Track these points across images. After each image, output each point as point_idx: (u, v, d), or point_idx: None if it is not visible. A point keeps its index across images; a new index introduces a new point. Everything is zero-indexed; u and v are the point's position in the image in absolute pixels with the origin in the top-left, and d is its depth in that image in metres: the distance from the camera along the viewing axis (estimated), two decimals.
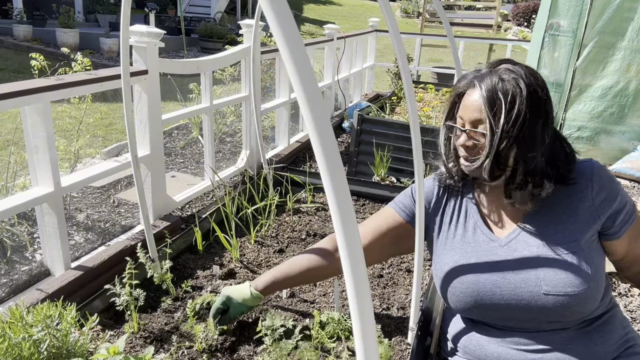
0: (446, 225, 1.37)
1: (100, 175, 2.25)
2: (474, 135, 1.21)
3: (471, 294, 1.25)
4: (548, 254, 1.19)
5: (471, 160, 1.23)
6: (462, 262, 1.28)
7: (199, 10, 12.68)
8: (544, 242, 1.21)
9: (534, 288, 1.18)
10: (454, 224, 1.35)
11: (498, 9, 11.02)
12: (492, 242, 1.27)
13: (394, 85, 5.16)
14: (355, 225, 0.56)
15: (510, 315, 1.22)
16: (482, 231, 1.30)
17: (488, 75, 1.20)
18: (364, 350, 0.57)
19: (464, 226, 1.33)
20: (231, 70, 4.71)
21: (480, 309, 1.26)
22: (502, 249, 1.25)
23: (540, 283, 1.17)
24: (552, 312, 1.17)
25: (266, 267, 2.24)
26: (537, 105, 1.16)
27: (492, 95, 1.16)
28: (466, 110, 1.22)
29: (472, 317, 1.32)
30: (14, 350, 1.25)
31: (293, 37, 0.53)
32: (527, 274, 1.19)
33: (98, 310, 1.79)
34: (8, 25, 9.04)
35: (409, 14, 19.38)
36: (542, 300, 1.17)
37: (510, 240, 1.25)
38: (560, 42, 4.19)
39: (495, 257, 1.25)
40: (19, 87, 1.82)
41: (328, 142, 0.54)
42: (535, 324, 1.21)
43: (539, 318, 1.20)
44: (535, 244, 1.21)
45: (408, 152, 3.37)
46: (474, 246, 1.29)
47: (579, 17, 4.04)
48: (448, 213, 1.38)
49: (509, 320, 1.24)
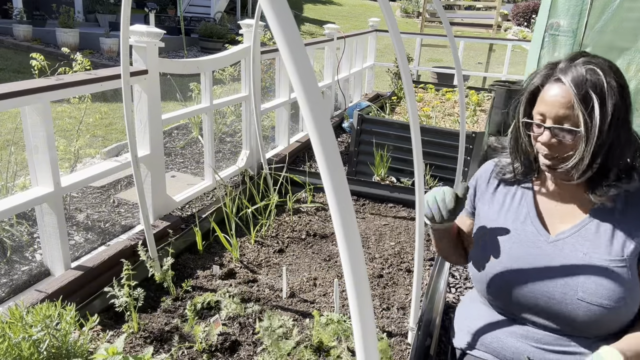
0: (496, 208, 1.35)
1: (100, 175, 2.25)
2: (559, 133, 1.14)
3: (505, 279, 1.24)
4: (593, 262, 1.16)
5: (559, 160, 1.16)
6: (505, 246, 1.28)
7: (199, 10, 12.68)
8: (593, 250, 1.18)
9: (569, 291, 1.16)
10: (506, 208, 1.34)
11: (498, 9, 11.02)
12: (539, 236, 1.25)
13: (394, 85, 5.16)
14: (355, 225, 0.56)
15: (536, 310, 1.22)
16: (533, 222, 1.28)
17: (571, 69, 1.13)
18: (364, 350, 0.57)
19: (515, 213, 1.31)
20: (231, 70, 4.71)
21: (509, 296, 1.25)
22: (548, 245, 1.23)
23: (577, 288, 1.15)
24: (579, 319, 1.16)
25: (266, 266, 2.24)
26: (625, 99, 1.12)
27: (583, 90, 1.10)
28: (548, 106, 1.15)
29: (497, 303, 1.31)
30: (13, 350, 1.25)
31: (293, 37, 0.53)
32: (566, 276, 1.18)
33: (98, 310, 1.79)
34: (8, 25, 9.04)
35: (409, 14, 19.37)
36: (573, 305, 1.16)
37: (559, 239, 1.23)
38: (560, 42, 4.19)
39: (539, 251, 1.23)
40: (19, 87, 1.82)
41: (328, 142, 0.54)
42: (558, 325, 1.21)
43: (563, 320, 1.19)
44: (583, 250, 1.19)
45: (408, 152, 3.37)
46: (520, 234, 1.28)
47: (579, 17, 4.04)
48: (500, 197, 1.36)
49: (534, 315, 1.23)
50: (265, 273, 2.19)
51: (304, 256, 2.36)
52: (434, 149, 3.37)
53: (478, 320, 1.37)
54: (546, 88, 1.17)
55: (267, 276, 2.16)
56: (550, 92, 1.15)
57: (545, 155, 1.18)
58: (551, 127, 1.15)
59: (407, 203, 2.99)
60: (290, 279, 2.13)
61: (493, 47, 7.73)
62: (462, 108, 2.17)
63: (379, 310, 1.95)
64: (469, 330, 1.38)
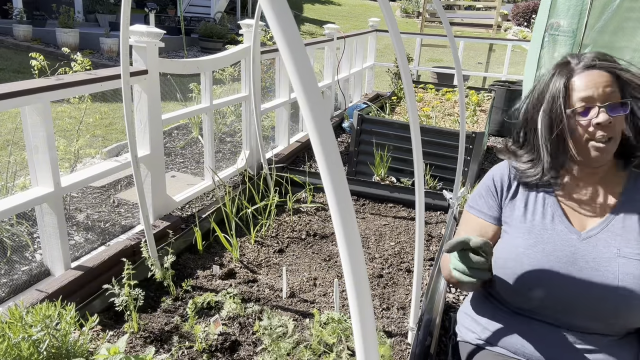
0: (520, 209, 1.32)
1: (100, 175, 2.25)
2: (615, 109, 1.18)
3: (542, 280, 1.22)
4: (629, 256, 1.17)
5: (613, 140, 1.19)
6: (538, 247, 1.25)
7: (199, 10, 12.68)
8: (625, 244, 1.19)
9: (609, 288, 1.16)
10: (531, 210, 1.31)
11: (498, 9, 11.02)
12: (571, 234, 1.24)
13: (394, 85, 5.16)
14: (355, 225, 0.56)
15: (572, 309, 1.21)
16: (562, 221, 1.26)
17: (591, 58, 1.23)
18: (364, 350, 0.57)
19: (542, 213, 1.29)
20: (231, 70, 4.71)
21: (544, 297, 1.23)
22: (581, 243, 1.22)
23: (617, 284, 1.15)
24: (619, 314, 1.16)
25: (266, 267, 2.24)
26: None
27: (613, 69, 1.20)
28: (591, 89, 1.19)
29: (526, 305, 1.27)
30: (13, 350, 1.25)
31: (293, 37, 0.53)
32: (606, 272, 1.17)
33: (98, 310, 1.79)
34: (8, 25, 9.04)
35: (409, 14, 19.37)
36: (615, 301, 1.16)
37: (590, 236, 1.22)
38: (560, 42, 4.19)
39: (573, 249, 1.22)
40: (19, 87, 1.82)
41: (328, 142, 0.54)
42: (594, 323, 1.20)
43: (602, 318, 1.19)
44: (616, 245, 1.19)
45: (408, 152, 3.37)
46: (552, 234, 1.25)
47: (579, 17, 4.04)
48: (522, 198, 1.33)
49: (568, 315, 1.22)
50: (265, 273, 2.19)
51: (304, 256, 2.36)
52: (434, 149, 3.37)
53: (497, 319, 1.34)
54: (577, 78, 1.21)
55: (267, 276, 2.16)
56: (587, 79, 1.20)
57: (600, 139, 1.18)
58: (604, 105, 1.17)
59: (407, 203, 2.99)
60: (290, 279, 2.13)
61: (493, 47, 7.73)
62: (462, 108, 2.17)
63: (379, 310, 1.95)
64: (486, 327, 1.35)
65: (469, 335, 1.40)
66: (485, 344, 1.35)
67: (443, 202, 2.92)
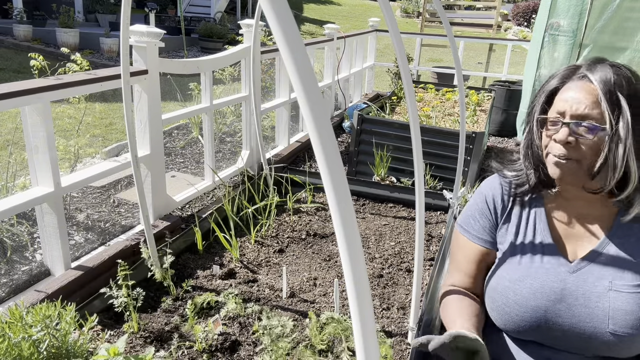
0: (511, 236, 1.25)
1: (100, 175, 2.25)
2: (579, 130, 1.07)
3: (530, 319, 1.15)
4: (620, 290, 1.11)
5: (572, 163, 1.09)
6: (525, 282, 1.17)
7: (199, 10, 12.68)
8: (619, 276, 1.11)
9: (600, 325, 1.10)
10: (521, 237, 1.23)
11: (498, 9, 11.02)
12: (560, 266, 1.16)
13: (394, 85, 5.16)
14: (355, 225, 0.56)
15: (564, 344, 1.15)
16: (551, 252, 1.18)
17: (597, 68, 1.09)
18: (364, 350, 0.56)
19: (532, 242, 1.21)
20: (231, 70, 4.71)
21: (534, 333, 1.17)
22: (571, 276, 1.15)
23: (608, 321, 1.09)
24: (611, 348, 1.12)
25: (266, 266, 2.24)
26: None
27: (611, 89, 1.05)
28: (568, 102, 1.09)
29: (522, 337, 1.21)
30: (13, 350, 1.25)
31: (293, 37, 0.53)
32: (596, 309, 1.11)
33: (98, 310, 1.79)
34: (8, 25, 9.04)
35: (409, 14, 19.37)
36: (605, 338, 1.10)
37: (581, 268, 1.15)
38: (560, 42, 4.19)
39: (562, 285, 1.14)
40: (19, 87, 1.82)
41: (328, 142, 0.54)
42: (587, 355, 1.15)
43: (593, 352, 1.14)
44: (608, 277, 1.12)
45: (408, 152, 3.37)
46: (540, 267, 1.18)
47: (579, 17, 4.04)
48: (514, 223, 1.25)
49: (561, 348, 1.17)
50: (265, 273, 2.19)
51: (304, 256, 2.36)
52: (434, 149, 3.37)
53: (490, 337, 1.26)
54: (567, 86, 1.12)
55: (267, 276, 2.16)
56: (572, 89, 1.11)
57: (559, 156, 1.09)
58: (570, 122, 1.07)
59: (407, 203, 2.99)
60: (290, 279, 2.13)
61: (493, 47, 7.73)
62: (462, 108, 2.17)
63: (379, 310, 1.95)
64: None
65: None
66: None
67: (443, 202, 2.92)
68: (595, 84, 1.07)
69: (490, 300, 1.23)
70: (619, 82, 1.06)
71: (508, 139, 5.28)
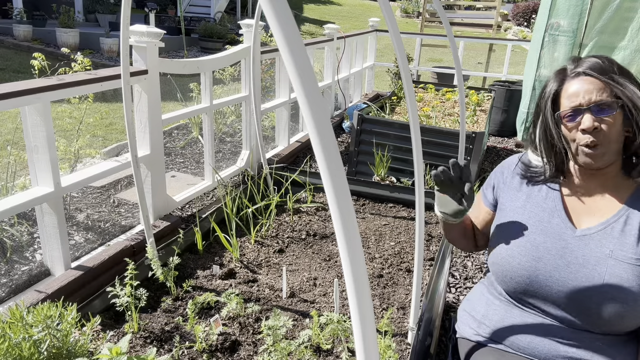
0: (521, 200, 1.35)
1: (100, 175, 2.25)
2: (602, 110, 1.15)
3: (529, 269, 1.24)
4: (619, 259, 1.16)
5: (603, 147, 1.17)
6: (529, 237, 1.27)
7: (199, 10, 12.68)
8: (619, 247, 1.17)
9: (592, 286, 1.16)
10: (532, 202, 1.33)
11: (498, 9, 11.01)
12: (565, 229, 1.25)
13: (394, 85, 5.16)
14: (355, 225, 0.56)
15: (557, 302, 1.21)
16: (559, 215, 1.27)
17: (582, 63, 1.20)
18: (364, 350, 0.57)
19: (542, 205, 1.31)
20: (231, 70, 4.71)
21: (530, 287, 1.24)
22: (574, 239, 1.23)
23: (602, 284, 1.15)
24: (600, 313, 1.16)
25: (266, 266, 2.24)
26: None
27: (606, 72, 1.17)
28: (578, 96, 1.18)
29: (516, 294, 1.30)
30: (14, 350, 1.25)
31: (293, 37, 0.53)
32: (593, 271, 1.17)
33: (98, 310, 1.79)
34: (8, 25, 9.04)
35: (409, 14, 19.37)
36: (597, 300, 1.16)
37: (585, 234, 1.22)
38: (560, 42, 4.19)
39: (564, 244, 1.23)
40: (19, 87, 1.82)
41: (328, 142, 0.55)
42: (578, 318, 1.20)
43: (584, 314, 1.19)
44: (610, 247, 1.18)
45: (408, 152, 3.37)
46: (546, 225, 1.27)
47: (579, 17, 4.04)
48: (525, 190, 1.36)
49: (555, 307, 1.23)
50: (265, 273, 2.19)
51: (304, 256, 2.36)
52: (434, 149, 3.37)
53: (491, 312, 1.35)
54: (567, 86, 1.21)
55: (267, 276, 2.16)
56: (575, 85, 1.19)
57: (589, 145, 1.17)
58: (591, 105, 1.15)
59: (407, 203, 2.99)
60: (290, 279, 2.13)
61: (493, 47, 7.73)
62: (462, 108, 2.17)
63: (379, 310, 1.95)
64: (481, 322, 1.37)
65: (466, 331, 1.42)
66: (482, 339, 1.36)
67: None
68: (592, 73, 1.18)
69: (494, 256, 1.34)
70: (607, 65, 1.18)
71: (508, 139, 5.28)
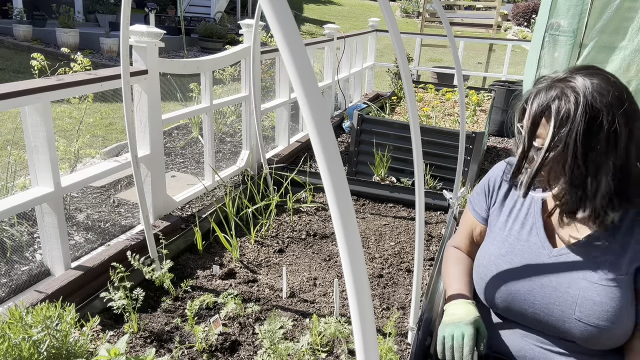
0: (505, 215, 1.33)
1: (100, 175, 2.25)
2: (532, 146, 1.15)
3: (505, 292, 1.24)
4: (592, 281, 1.14)
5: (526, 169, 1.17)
6: (507, 258, 1.26)
7: (199, 10, 12.68)
8: (594, 268, 1.15)
9: (567, 309, 1.15)
10: (513, 217, 1.31)
11: (498, 9, 11.01)
12: (542, 249, 1.23)
13: (394, 85, 5.16)
14: (355, 225, 0.56)
15: (536, 323, 1.22)
16: (538, 234, 1.25)
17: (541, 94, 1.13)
18: (364, 350, 0.56)
19: (522, 223, 1.29)
20: (231, 70, 4.71)
21: (509, 309, 1.25)
22: (550, 259, 1.22)
23: (575, 308, 1.14)
24: (576, 337, 1.16)
25: (266, 266, 2.24)
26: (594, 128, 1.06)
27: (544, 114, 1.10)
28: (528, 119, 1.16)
29: (500, 312, 1.31)
30: (13, 350, 1.25)
31: (293, 37, 0.53)
32: (565, 294, 1.16)
33: (98, 310, 1.79)
34: (8, 25, 9.04)
35: (409, 14, 19.37)
36: (570, 324, 1.15)
37: (562, 254, 1.20)
38: (561, 42, 4.19)
39: (540, 266, 1.22)
40: (19, 87, 1.82)
41: (328, 142, 0.54)
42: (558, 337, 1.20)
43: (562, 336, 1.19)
44: (584, 268, 1.16)
45: (408, 152, 3.37)
46: (524, 246, 1.26)
47: (579, 17, 4.04)
48: (509, 203, 1.34)
49: (535, 326, 1.23)
50: (265, 273, 2.19)
51: (304, 256, 2.36)
52: (434, 149, 3.37)
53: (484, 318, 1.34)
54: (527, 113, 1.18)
55: (267, 276, 2.16)
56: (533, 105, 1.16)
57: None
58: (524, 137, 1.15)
59: (407, 203, 2.99)
60: (290, 279, 2.13)
61: (493, 47, 7.73)
62: (462, 108, 2.17)
63: (379, 310, 1.95)
64: None
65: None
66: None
67: (443, 202, 2.92)
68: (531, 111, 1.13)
69: (476, 274, 1.35)
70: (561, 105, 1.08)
71: (508, 139, 5.28)
